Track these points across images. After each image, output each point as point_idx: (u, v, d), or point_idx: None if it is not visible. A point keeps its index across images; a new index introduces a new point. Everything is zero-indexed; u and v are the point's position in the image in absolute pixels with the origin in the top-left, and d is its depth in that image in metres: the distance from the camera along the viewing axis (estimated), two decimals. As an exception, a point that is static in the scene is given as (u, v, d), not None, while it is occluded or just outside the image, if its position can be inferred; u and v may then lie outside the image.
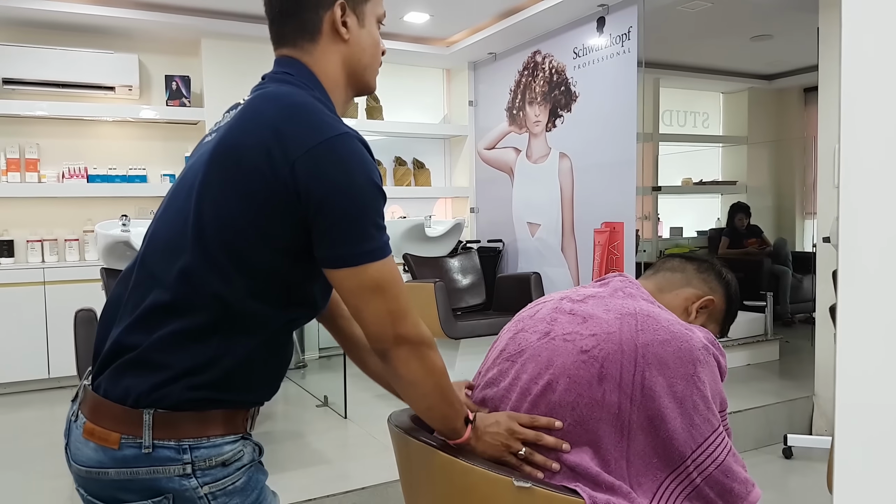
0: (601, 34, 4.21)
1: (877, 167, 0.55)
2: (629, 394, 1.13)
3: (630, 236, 4.02)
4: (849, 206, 0.56)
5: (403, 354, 1.03)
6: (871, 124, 0.54)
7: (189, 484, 0.98)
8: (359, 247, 0.98)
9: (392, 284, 1.00)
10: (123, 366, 0.99)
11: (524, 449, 1.14)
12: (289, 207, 0.97)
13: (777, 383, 4.04)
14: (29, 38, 4.35)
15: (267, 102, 1.02)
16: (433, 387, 1.08)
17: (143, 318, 1.00)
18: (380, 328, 1.01)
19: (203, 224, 0.99)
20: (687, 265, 1.42)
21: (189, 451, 0.97)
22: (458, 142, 5.79)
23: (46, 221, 4.51)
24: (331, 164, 0.96)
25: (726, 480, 1.14)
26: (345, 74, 1.12)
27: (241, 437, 1.04)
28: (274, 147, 0.96)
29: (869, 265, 0.55)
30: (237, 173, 0.98)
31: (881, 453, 0.53)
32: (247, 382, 1.03)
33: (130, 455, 0.97)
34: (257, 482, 1.07)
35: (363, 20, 1.11)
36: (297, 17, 1.08)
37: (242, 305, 0.99)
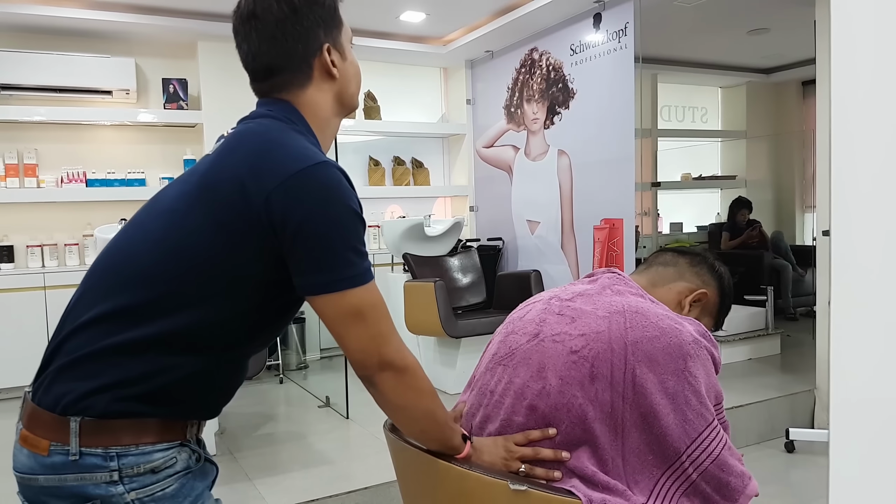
0: (598, 30, 4.20)
1: (868, 163, 0.54)
2: (621, 392, 1.13)
3: (630, 232, 4.02)
4: (841, 200, 0.55)
5: (389, 380, 1.03)
6: (862, 120, 0.54)
7: (116, 490, 0.97)
8: (339, 273, 0.98)
9: (373, 310, 1.00)
10: (56, 372, 1.00)
11: (523, 467, 1.15)
12: (261, 240, 0.97)
13: (778, 377, 4.04)
14: (25, 44, 4.35)
15: (245, 138, 1.05)
16: (423, 410, 1.08)
17: (85, 326, 1.00)
18: (363, 355, 1.01)
19: (168, 247, 1.00)
20: (679, 259, 1.41)
21: (116, 458, 0.97)
22: (456, 140, 5.78)
23: (46, 226, 4.52)
24: (308, 192, 0.97)
25: (722, 474, 1.14)
26: (336, 107, 1.16)
27: (177, 444, 1.03)
28: (248, 181, 0.97)
29: (862, 259, 0.55)
30: (211, 204, 0.99)
31: (875, 445, 0.53)
32: (182, 402, 1.02)
33: (59, 462, 0.97)
34: (192, 489, 1.04)
35: (343, 52, 1.15)
36: (287, 72, 1.11)
37: (193, 329, 0.99)
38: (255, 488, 2.69)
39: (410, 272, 4.41)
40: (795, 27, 5.10)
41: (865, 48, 0.57)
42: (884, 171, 0.53)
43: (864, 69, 0.57)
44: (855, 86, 0.56)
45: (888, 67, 0.53)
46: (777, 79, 6.89)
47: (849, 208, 0.57)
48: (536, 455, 1.14)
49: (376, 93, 5.31)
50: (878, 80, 0.55)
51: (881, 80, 0.55)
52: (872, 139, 0.55)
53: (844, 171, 0.56)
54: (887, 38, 0.53)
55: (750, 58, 6.36)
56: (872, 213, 0.55)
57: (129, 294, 0.99)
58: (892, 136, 0.53)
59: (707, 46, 5.87)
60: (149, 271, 1.00)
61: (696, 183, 6.95)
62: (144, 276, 1.00)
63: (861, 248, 0.56)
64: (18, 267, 4.38)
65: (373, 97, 5.30)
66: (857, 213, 0.57)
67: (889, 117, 0.53)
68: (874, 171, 0.55)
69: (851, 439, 0.56)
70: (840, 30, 0.56)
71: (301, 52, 1.10)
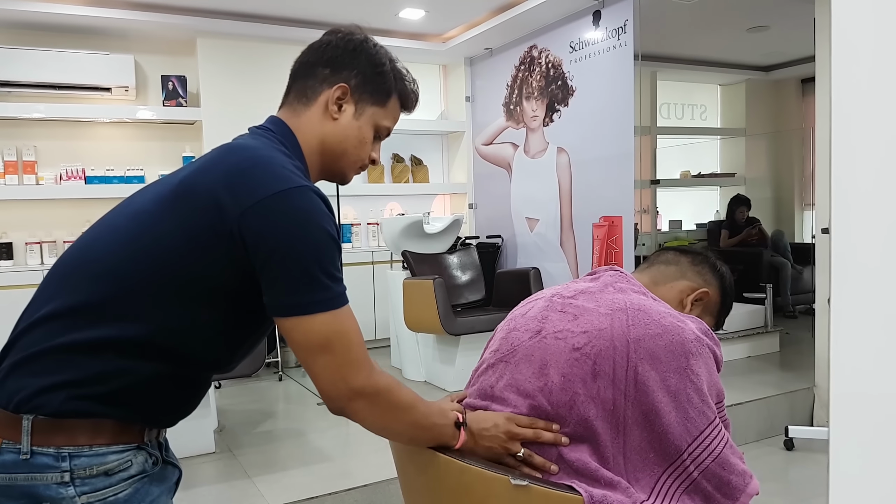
0: (597, 28, 4.20)
1: (868, 160, 0.54)
2: (623, 389, 1.13)
3: (629, 230, 4.02)
4: (841, 198, 0.56)
5: (362, 408, 1.02)
6: (862, 118, 0.54)
7: (66, 492, 0.95)
8: (310, 295, 0.97)
9: (342, 338, 0.99)
10: (10, 367, 0.98)
11: (523, 451, 1.14)
12: (230, 254, 0.97)
13: (778, 375, 4.04)
14: (24, 41, 4.34)
15: (230, 152, 1.05)
16: (406, 424, 1.09)
17: (43, 321, 0.99)
18: (331, 386, 1.00)
19: (136, 248, 0.99)
20: (681, 258, 1.42)
21: (68, 458, 0.95)
22: (455, 138, 5.78)
23: (45, 223, 4.51)
24: (283, 215, 0.96)
25: (723, 473, 1.14)
26: (320, 148, 1.14)
27: (134, 446, 1.00)
28: (224, 195, 0.97)
29: (862, 257, 0.55)
30: (184, 213, 0.98)
31: (875, 441, 0.53)
32: (139, 406, 1.00)
33: (9, 460, 0.95)
34: (146, 494, 1.01)
35: (360, 115, 1.15)
36: (303, 82, 1.15)
37: (152, 333, 0.97)
38: (255, 485, 2.69)
39: (409, 269, 4.41)
40: (795, 25, 5.10)
41: (866, 44, 0.57)
42: (885, 167, 0.53)
43: (864, 65, 0.57)
44: (855, 82, 0.56)
45: (889, 64, 0.53)
46: (776, 76, 6.88)
47: (849, 203, 0.57)
48: (537, 437, 1.14)
49: (375, 90, 5.30)
50: (879, 76, 0.55)
51: (881, 76, 0.55)
52: (873, 135, 0.55)
53: (845, 164, 0.56)
54: (888, 34, 0.53)
55: (749, 55, 6.35)
56: (873, 207, 0.55)
57: (91, 291, 0.98)
58: (892, 132, 0.53)
59: (706, 44, 5.87)
60: (114, 270, 0.99)
61: (695, 180, 6.95)
62: (109, 274, 0.98)
63: (861, 243, 0.57)
64: (17, 264, 4.38)
65: (372, 94, 5.29)
66: (857, 207, 0.57)
67: (890, 114, 0.53)
68: (875, 166, 0.55)
69: (851, 436, 0.56)
70: (840, 26, 0.56)
71: (324, 75, 1.13)
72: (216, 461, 2.98)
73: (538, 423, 1.15)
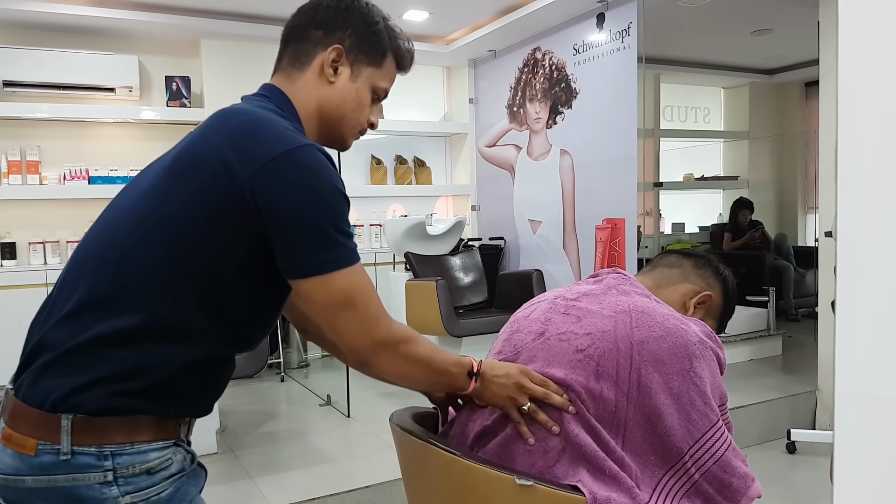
0: (601, 30, 4.20)
1: (874, 162, 0.54)
2: (626, 392, 1.13)
3: (632, 232, 4.01)
4: (847, 200, 0.56)
5: (384, 359, 1.03)
6: (869, 119, 0.54)
7: (109, 493, 0.93)
8: (326, 254, 0.96)
9: (362, 293, 0.99)
10: (42, 367, 0.96)
11: (529, 405, 1.14)
12: (245, 221, 0.96)
13: (780, 378, 4.04)
14: (29, 41, 4.36)
15: (229, 117, 1.03)
16: (425, 373, 1.09)
17: (68, 316, 0.97)
18: (355, 340, 1.00)
19: (149, 226, 0.97)
20: (684, 261, 1.42)
21: (111, 457, 0.93)
22: (458, 140, 5.78)
23: (48, 223, 4.52)
24: (293, 174, 0.95)
25: (725, 476, 1.14)
26: (318, 113, 1.13)
27: (172, 443, 1.00)
28: (233, 160, 0.95)
29: (868, 258, 0.55)
30: (193, 180, 0.97)
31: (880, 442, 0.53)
32: (175, 396, 0.99)
33: (48, 462, 0.92)
34: (186, 493, 1.01)
35: (356, 76, 1.14)
36: (297, 45, 1.13)
37: (178, 315, 0.96)
38: (256, 486, 2.69)
39: (412, 271, 4.41)
40: (798, 28, 5.10)
41: (873, 46, 0.57)
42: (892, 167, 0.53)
43: (870, 67, 0.57)
44: (862, 82, 0.56)
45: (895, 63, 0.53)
46: (780, 80, 6.88)
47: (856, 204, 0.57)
48: (546, 397, 1.14)
49: (379, 92, 5.30)
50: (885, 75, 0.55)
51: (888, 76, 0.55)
52: (879, 140, 0.55)
53: (851, 165, 0.56)
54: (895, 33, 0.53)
55: (753, 58, 6.35)
56: (880, 208, 0.55)
57: (110, 278, 0.96)
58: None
59: (710, 47, 5.87)
60: (130, 252, 0.97)
61: (698, 183, 6.95)
62: (125, 258, 0.97)
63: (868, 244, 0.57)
64: (21, 264, 4.39)
65: (375, 96, 5.29)
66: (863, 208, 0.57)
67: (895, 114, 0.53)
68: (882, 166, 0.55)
69: (856, 439, 0.56)
70: (847, 27, 0.56)
71: (317, 37, 1.11)
72: (218, 462, 2.98)
73: (550, 385, 1.15)
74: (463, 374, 1.13)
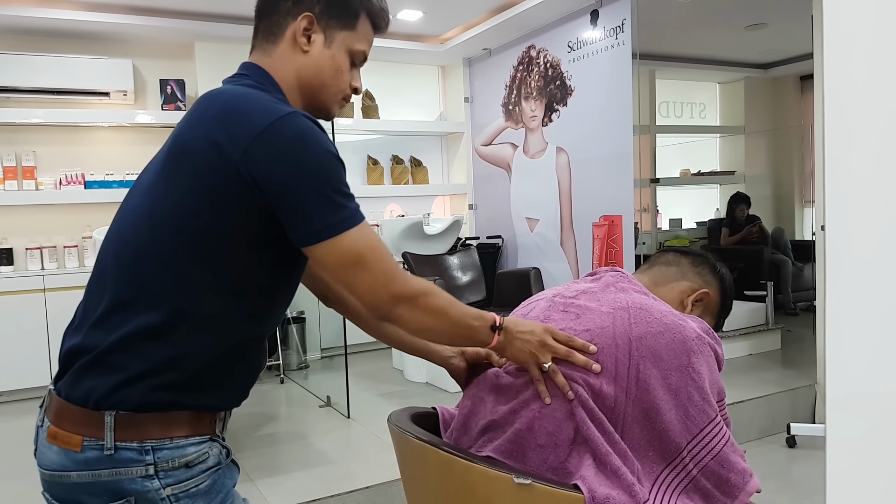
0: (595, 27, 4.20)
1: (861, 155, 0.54)
2: (624, 387, 1.13)
3: (629, 229, 4.02)
4: (836, 195, 0.56)
5: (405, 311, 1.03)
6: (857, 112, 0.54)
7: (151, 485, 0.97)
8: (332, 217, 0.97)
9: (373, 249, 1.00)
10: (81, 368, 0.99)
11: (550, 364, 1.14)
12: (248, 199, 0.97)
13: (779, 372, 4.04)
14: (22, 46, 4.35)
15: (211, 101, 1.03)
16: (446, 325, 1.09)
17: (99, 319, 1.00)
18: (373, 296, 1.01)
19: (158, 221, 0.99)
20: (682, 259, 1.43)
21: (152, 452, 0.97)
22: (454, 139, 5.78)
23: (45, 229, 4.52)
24: (282, 144, 0.96)
25: (723, 471, 1.14)
26: (298, 84, 1.12)
27: (208, 438, 1.04)
28: (222, 139, 0.96)
29: (858, 253, 0.55)
30: (190, 169, 0.98)
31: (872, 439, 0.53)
32: (212, 386, 1.03)
33: (92, 457, 0.96)
34: (223, 486, 1.05)
35: (331, 42, 1.12)
36: (268, 19, 1.12)
37: (201, 303, 0.99)
38: (257, 488, 2.69)
39: (410, 271, 4.41)
40: (793, 22, 5.10)
41: (859, 39, 0.57)
42: (880, 162, 0.53)
43: (858, 60, 0.57)
44: (849, 76, 0.56)
45: (884, 57, 0.53)
46: (775, 74, 6.88)
47: (844, 199, 0.57)
48: (569, 356, 1.14)
49: (374, 92, 5.30)
50: (873, 69, 0.55)
51: (876, 70, 0.55)
52: (867, 130, 0.55)
53: (839, 160, 0.56)
54: (883, 28, 0.53)
55: (748, 53, 6.35)
56: (868, 203, 0.55)
57: (131, 277, 0.99)
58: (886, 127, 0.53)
59: (705, 42, 5.87)
60: (144, 249, 0.99)
61: (694, 179, 6.95)
62: (140, 256, 0.99)
63: (856, 239, 0.57)
64: (18, 269, 4.38)
65: (371, 96, 5.30)
66: (852, 203, 0.57)
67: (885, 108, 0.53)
68: (870, 161, 0.55)
69: (848, 433, 0.57)
70: (832, 20, 0.56)
71: (286, 8, 1.10)
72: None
73: (575, 342, 1.15)
74: (486, 328, 1.13)
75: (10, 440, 3.52)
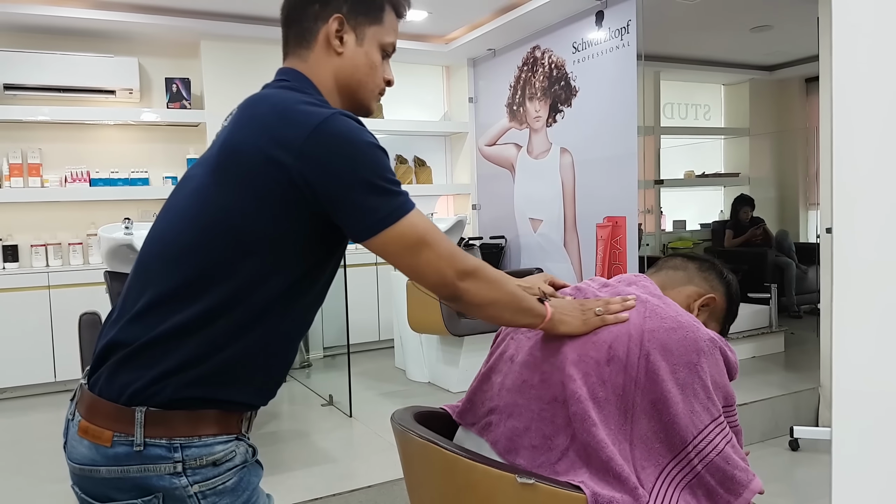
0: (600, 28, 4.20)
1: (869, 158, 0.54)
2: (634, 377, 1.15)
3: (632, 230, 4.01)
4: (842, 196, 0.56)
5: (471, 285, 1.06)
6: (863, 115, 0.54)
7: (179, 482, 0.98)
8: (387, 205, 1.00)
9: (431, 230, 1.04)
10: (118, 362, 1.00)
11: (599, 308, 1.20)
12: (296, 198, 0.99)
13: (783, 375, 4.03)
14: (29, 44, 4.37)
15: (258, 103, 1.06)
16: (508, 294, 1.12)
17: (138, 315, 1.01)
18: (440, 275, 1.04)
19: (207, 222, 1.01)
20: (689, 264, 1.45)
21: (180, 449, 0.98)
22: (458, 139, 5.78)
23: (50, 226, 4.53)
24: (330, 145, 0.98)
25: (727, 467, 1.15)
26: (336, 86, 1.15)
27: (234, 437, 1.05)
28: (273, 142, 0.99)
29: (864, 254, 0.55)
30: (241, 172, 1.00)
31: (877, 438, 0.53)
32: (245, 381, 1.04)
33: (122, 453, 0.97)
34: (249, 483, 1.07)
35: (362, 40, 1.15)
36: (298, 25, 1.15)
37: (243, 300, 1.00)
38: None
39: (413, 271, 4.41)
40: (798, 24, 5.09)
41: (867, 43, 0.57)
42: (886, 164, 0.53)
43: (865, 63, 0.57)
44: (856, 79, 0.56)
45: (891, 63, 0.53)
46: (780, 76, 6.87)
47: (851, 201, 0.57)
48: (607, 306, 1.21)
49: (379, 91, 5.31)
50: (881, 75, 0.55)
51: (882, 74, 0.55)
52: (874, 133, 0.55)
53: (846, 163, 0.56)
54: (889, 31, 0.53)
55: (753, 55, 6.34)
56: (875, 205, 0.55)
57: (175, 275, 1.00)
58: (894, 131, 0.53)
59: (710, 43, 5.86)
60: (189, 250, 1.01)
61: (699, 180, 6.94)
62: (187, 254, 1.01)
63: (863, 241, 0.57)
64: (23, 266, 4.40)
65: (375, 96, 5.30)
66: (859, 205, 0.57)
67: (892, 113, 0.53)
68: (876, 164, 0.55)
69: (854, 436, 0.56)
70: (841, 23, 0.56)
71: (315, 12, 1.13)
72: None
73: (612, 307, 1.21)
74: (536, 298, 1.18)
75: (14, 436, 3.53)
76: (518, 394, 1.22)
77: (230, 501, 1.03)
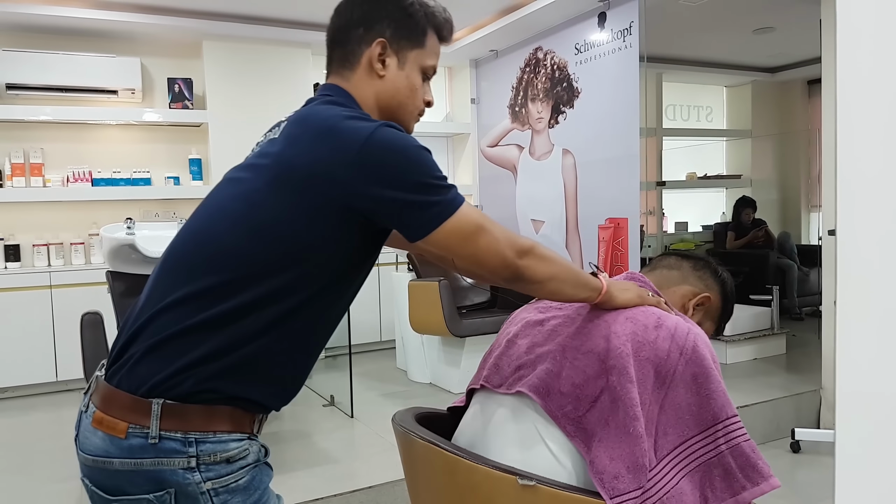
0: (602, 29, 4.20)
1: (874, 161, 0.54)
2: (681, 345, 1.16)
3: (634, 232, 4.01)
4: (847, 198, 0.55)
5: (532, 262, 1.09)
6: (867, 118, 0.54)
7: (192, 478, 0.98)
8: (441, 202, 1.03)
9: (484, 218, 1.07)
10: (142, 354, 1.00)
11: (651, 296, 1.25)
12: (350, 214, 1.02)
13: (784, 377, 4.03)
14: (31, 44, 4.37)
15: (309, 118, 1.08)
16: (566, 270, 1.14)
17: (170, 307, 1.01)
18: (501, 257, 1.07)
19: (254, 227, 1.02)
20: (683, 263, 1.44)
21: (195, 444, 0.98)
22: (460, 140, 5.78)
23: (52, 225, 4.54)
24: (381, 157, 1.01)
25: (753, 455, 1.16)
26: (377, 106, 1.18)
27: (247, 436, 1.05)
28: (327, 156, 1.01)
29: (868, 257, 0.55)
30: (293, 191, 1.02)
31: (881, 439, 0.53)
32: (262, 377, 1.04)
33: (136, 445, 0.98)
34: (260, 483, 1.07)
35: (404, 63, 1.18)
36: (343, 48, 1.17)
37: (279, 298, 1.02)
38: (260, 487, 2.70)
39: (415, 271, 4.42)
40: (801, 26, 5.09)
41: (870, 45, 0.57)
42: (890, 168, 0.53)
43: (868, 66, 0.57)
44: (860, 82, 0.56)
45: (892, 63, 0.53)
46: (782, 78, 6.86)
47: (855, 204, 0.57)
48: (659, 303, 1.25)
49: (381, 92, 5.31)
50: (883, 76, 0.55)
51: (886, 77, 0.55)
52: (878, 137, 0.55)
53: (850, 166, 0.56)
54: (892, 33, 0.53)
55: (755, 57, 6.34)
56: (879, 209, 0.55)
57: (214, 273, 1.01)
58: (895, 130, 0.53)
59: (712, 45, 5.86)
60: (231, 251, 1.02)
61: (701, 182, 6.94)
62: (231, 256, 1.02)
63: (867, 244, 0.56)
64: (25, 266, 4.40)
65: (377, 96, 5.30)
66: (862, 208, 0.57)
67: (893, 113, 0.53)
68: (881, 168, 0.55)
69: (857, 437, 0.56)
70: (845, 26, 0.56)
71: (359, 36, 1.15)
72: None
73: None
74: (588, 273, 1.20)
75: (15, 436, 3.53)
76: (551, 342, 1.23)
77: (242, 500, 1.03)
